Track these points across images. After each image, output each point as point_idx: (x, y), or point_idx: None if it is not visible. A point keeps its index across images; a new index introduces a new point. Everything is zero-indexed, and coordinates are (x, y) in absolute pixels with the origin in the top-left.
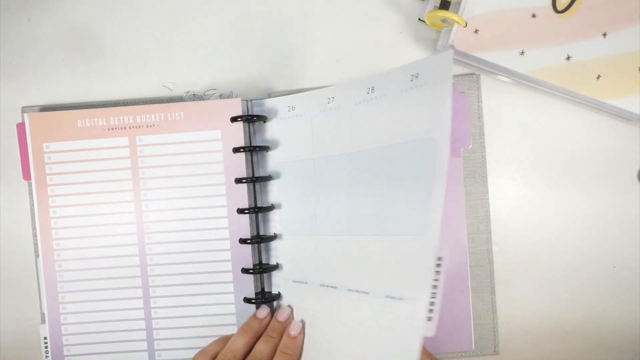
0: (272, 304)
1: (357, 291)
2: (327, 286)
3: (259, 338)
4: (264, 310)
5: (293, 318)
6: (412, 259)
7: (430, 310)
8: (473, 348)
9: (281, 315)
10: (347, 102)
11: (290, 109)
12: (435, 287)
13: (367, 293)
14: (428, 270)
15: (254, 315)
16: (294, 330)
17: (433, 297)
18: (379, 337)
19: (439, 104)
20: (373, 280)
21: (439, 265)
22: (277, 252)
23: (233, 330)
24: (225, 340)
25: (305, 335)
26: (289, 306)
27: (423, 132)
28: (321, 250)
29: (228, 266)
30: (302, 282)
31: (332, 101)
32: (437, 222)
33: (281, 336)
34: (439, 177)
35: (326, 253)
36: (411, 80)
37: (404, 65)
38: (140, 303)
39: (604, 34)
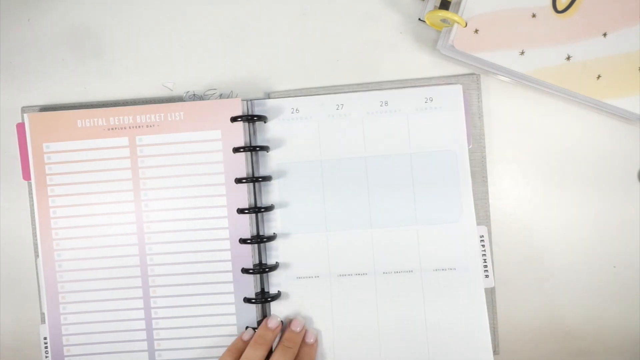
0: (270, 304)
1: (397, 272)
2: (350, 275)
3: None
4: (275, 320)
5: (306, 327)
6: (456, 239)
7: (486, 271)
8: None
9: (296, 326)
10: (358, 111)
11: (294, 111)
12: (484, 255)
13: (410, 271)
14: (472, 245)
15: (265, 326)
16: (310, 337)
17: (485, 263)
18: (442, 296)
19: (455, 125)
20: (413, 260)
21: (482, 240)
22: (277, 252)
23: (233, 330)
24: (236, 351)
25: (324, 325)
26: (299, 314)
27: (443, 145)
28: (334, 244)
29: (228, 266)
30: (310, 277)
31: (342, 108)
32: (471, 211)
33: (297, 346)
34: (464, 179)
35: (342, 246)
36: (425, 102)
37: (417, 88)
38: (140, 303)
39: (604, 34)
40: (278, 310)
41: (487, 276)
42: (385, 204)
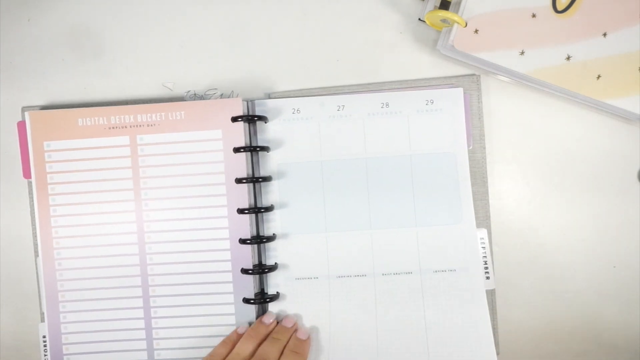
0: (268, 305)
1: (396, 273)
2: (349, 276)
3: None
4: (270, 316)
5: (299, 325)
6: (456, 241)
7: (487, 273)
8: None
9: (288, 323)
10: (359, 112)
11: (295, 112)
12: (484, 257)
13: (410, 273)
14: (473, 247)
15: (261, 321)
16: (303, 334)
17: (486, 265)
18: (442, 298)
19: (455, 128)
20: (412, 261)
21: (482, 242)
22: (277, 252)
23: (232, 330)
24: (230, 342)
25: (321, 326)
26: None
27: (443, 148)
28: (334, 246)
29: (228, 266)
30: (309, 279)
31: (343, 109)
32: (470, 213)
33: (285, 338)
34: (464, 181)
35: (341, 248)
36: (426, 104)
37: (418, 91)
38: (139, 302)
39: (604, 34)
40: (276, 310)
41: (487, 278)
42: (385, 206)
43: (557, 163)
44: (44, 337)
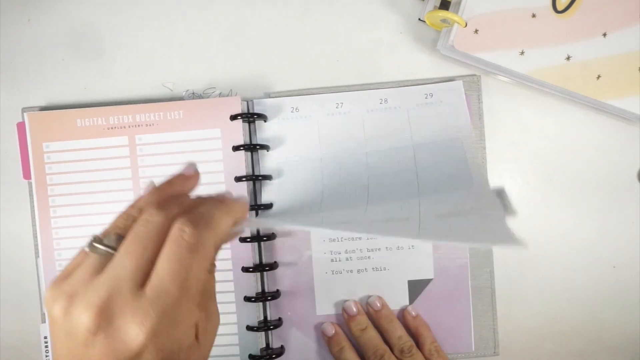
0: (269, 304)
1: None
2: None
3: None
4: (192, 166)
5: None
6: (470, 195)
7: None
8: (473, 349)
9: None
10: (358, 108)
11: (294, 110)
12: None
13: (406, 219)
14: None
15: (180, 173)
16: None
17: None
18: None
19: (458, 116)
20: (413, 209)
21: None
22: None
23: (233, 329)
24: (131, 218)
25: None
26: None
27: (449, 134)
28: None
29: (228, 265)
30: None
31: (341, 106)
32: (485, 176)
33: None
34: (474, 164)
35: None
36: (426, 98)
37: (417, 86)
38: None
39: (604, 34)
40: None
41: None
42: (387, 202)
43: (557, 163)
44: (45, 337)
